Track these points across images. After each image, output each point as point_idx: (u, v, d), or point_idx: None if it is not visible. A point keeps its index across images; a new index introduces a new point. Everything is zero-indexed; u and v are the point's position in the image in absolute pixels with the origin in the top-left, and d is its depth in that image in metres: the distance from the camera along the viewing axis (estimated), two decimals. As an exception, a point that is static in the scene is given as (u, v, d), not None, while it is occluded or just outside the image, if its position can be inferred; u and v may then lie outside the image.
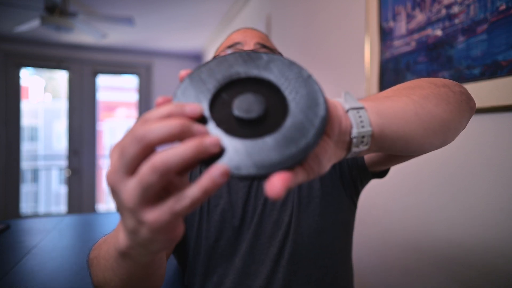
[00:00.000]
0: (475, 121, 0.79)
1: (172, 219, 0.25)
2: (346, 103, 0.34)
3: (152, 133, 0.24)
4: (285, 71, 0.30)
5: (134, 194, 0.24)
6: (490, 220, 0.76)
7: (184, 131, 0.25)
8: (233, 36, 0.76)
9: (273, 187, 0.24)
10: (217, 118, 0.28)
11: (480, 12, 0.76)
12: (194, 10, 2.89)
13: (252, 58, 0.31)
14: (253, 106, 0.28)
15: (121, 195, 0.25)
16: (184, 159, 0.24)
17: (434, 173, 0.91)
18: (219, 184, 0.24)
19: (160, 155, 0.24)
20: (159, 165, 0.23)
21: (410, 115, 0.38)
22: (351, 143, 0.33)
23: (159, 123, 0.24)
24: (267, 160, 0.26)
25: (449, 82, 0.48)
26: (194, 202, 0.24)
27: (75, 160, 3.96)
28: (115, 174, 0.25)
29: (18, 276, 0.77)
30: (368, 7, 1.14)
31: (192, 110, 0.26)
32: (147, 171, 0.24)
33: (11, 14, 2.93)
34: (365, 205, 1.16)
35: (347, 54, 1.31)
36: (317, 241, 0.64)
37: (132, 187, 0.24)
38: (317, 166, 0.30)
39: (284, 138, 0.27)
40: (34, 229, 1.19)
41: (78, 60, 3.99)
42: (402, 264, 1.02)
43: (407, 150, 0.41)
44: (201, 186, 0.24)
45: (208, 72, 0.30)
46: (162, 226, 0.25)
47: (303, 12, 1.71)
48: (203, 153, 0.24)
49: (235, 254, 0.63)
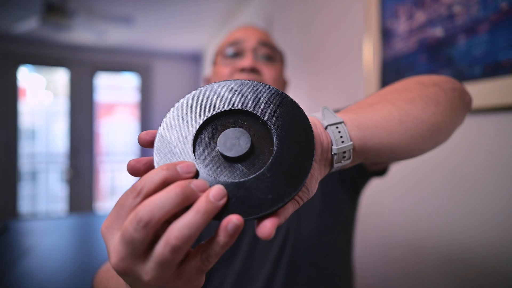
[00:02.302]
0: (475, 121, 0.78)
1: (201, 277, 0.25)
2: (324, 119, 0.33)
3: (157, 213, 0.22)
4: (267, 100, 0.29)
5: (156, 274, 0.23)
6: (490, 220, 0.75)
7: (187, 197, 0.23)
8: (234, 33, 0.75)
9: (264, 229, 0.24)
10: (203, 159, 0.27)
11: (481, 11, 0.76)
12: (194, 9, 2.88)
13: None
14: (238, 141, 0.27)
15: (141, 278, 0.24)
16: (198, 227, 0.22)
17: (434, 173, 0.91)
18: (237, 235, 0.24)
19: (175, 232, 0.22)
20: (175, 243, 0.22)
21: (394, 124, 0.37)
22: (333, 159, 0.33)
23: (160, 197, 0.22)
24: (279, 194, 0.26)
25: (439, 80, 0.46)
26: (217, 258, 0.24)
27: (75, 160, 3.95)
28: (124, 261, 0.23)
29: (18, 276, 0.76)
30: (367, 7, 1.14)
31: (186, 170, 0.25)
32: (166, 251, 0.22)
33: (9, 14, 2.92)
34: (365, 205, 1.15)
35: (346, 54, 1.31)
36: (317, 242, 0.64)
37: (151, 268, 0.23)
38: (306, 194, 0.30)
39: (285, 168, 0.26)
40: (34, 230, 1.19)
41: (78, 59, 3.98)
42: (403, 265, 1.01)
43: (394, 158, 0.40)
44: (221, 242, 0.24)
45: (188, 107, 0.29)
46: (193, 286, 0.25)
47: (303, 12, 1.71)
48: (214, 212, 0.24)
49: (234, 256, 0.63)
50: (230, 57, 0.72)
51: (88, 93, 4.04)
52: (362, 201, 1.17)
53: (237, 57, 0.72)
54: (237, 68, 0.70)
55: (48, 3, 2.40)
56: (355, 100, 1.23)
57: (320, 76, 1.52)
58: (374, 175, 0.68)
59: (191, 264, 0.24)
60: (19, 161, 3.81)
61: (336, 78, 1.39)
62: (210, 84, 0.30)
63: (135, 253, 0.23)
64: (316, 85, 1.56)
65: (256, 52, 0.71)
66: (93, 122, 4.05)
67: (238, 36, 0.73)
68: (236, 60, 0.72)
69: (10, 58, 3.71)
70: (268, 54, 0.72)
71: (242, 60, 0.71)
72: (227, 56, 0.73)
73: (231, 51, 0.72)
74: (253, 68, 0.68)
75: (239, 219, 0.24)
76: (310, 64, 1.63)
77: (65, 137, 4.05)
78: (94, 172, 4.06)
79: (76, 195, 3.97)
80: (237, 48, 0.72)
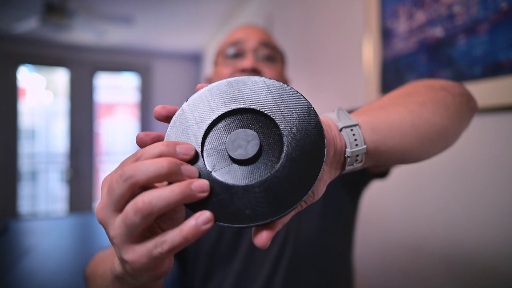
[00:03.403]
0: (476, 121, 0.78)
1: (151, 262, 0.24)
2: (340, 121, 0.33)
3: (139, 173, 0.23)
4: (294, 113, 0.28)
5: (119, 232, 0.24)
6: (490, 220, 0.75)
7: (171, 172, 0.24)
8: (235, 33, 0.75)
9: (260, 238, 0.25)
10: (209, 148, 0.27)
11: (481, 11, 0.76)
12: (194, 9, 2.88)
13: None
14: (247, 144, 0.26)
15: (109, 231, 0.25)
16: (169, 203, 0.23)
17: (434, 174, 0.91)
18: (202, 232, 0.24)
19: (144, 196, 0.23)
20: (141, 206, 0.23)
21: (407, 127, 0.37)
22: (345, 161, 0.33)
23: (148, 163, 0.24)
24: (256, 213, 0.25)
25: (447, 84, 0.47)
26: (172, 249, 0.24)
27: (75, 160, 3.95)
28: (103, 209, 0.25)
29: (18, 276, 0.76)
30: (367, 7, 1.14)
31: (184, 151, 0.26)
32: (131, 211, 0.23)
33: (9, 14, 2.92)
34: (365, 205, 1.15)
35: (346, 54, 1.31)
36: (317, 242, 0.64)
37: (118, 224, 0.24)
38: (311, 197, 0.30)
39: (275, 191, 0.25)
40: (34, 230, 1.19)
41: (78, 59, 3.98)
42: (403, 265, 1.01)
43: (404, 162, 0.40)
44: (183, 233, 0.23)
45: (218, 93, 0.28)
46: (141, 267, 0.25)
47: (303, 12, 1.71)
48: (190, 199, 0.24)
49: (234, 256, 0.63)
50: (231, 57, 0.72)
51: (88, 93, 4.04)
52: (362, 201, 1.17)
53: (238, 58, 0.72)
54: (238, 68, 0.70)
55: (48, 3, 2.40)
56: (355, 99, 1.23)
57: (320, 76, 1.52)
58: (375, 177, 0.68)
59: (147, 243, 0.24)
60: (19, 161, 3.81)
61: (336, 78, 1.39)
62: (248, 76, 0.29)
63: (112, 205, 0.25)
64: (316, 85, 1.56)
65: (256, 53, 0.71)
66: (93, 122, 4.05)
67: (239, 36, 0.73)
68: (237, 60, 0.72)
69: (10, 58, 3.71)
70: (269, 55, 0.72)
71: (243, 60, 0.71)
72: (228, 56, 0.73)
73: (232, 51, 0.72)
74: (254, 69, 0.68)
75: (211, 217, 0.24)
76: (310, 64, 1.63)
77: (65, 137, 4.05)
78: (94, 172, 4.06)
79: (76, 195, 3.97)
80: (238, 49, 0.72)
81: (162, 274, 0.27)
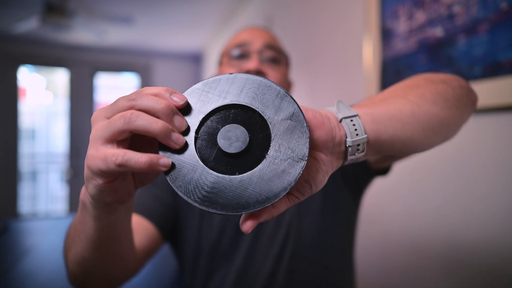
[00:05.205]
0: (476, 121, 0.78)
1: (103, 167, 0.27)
2: (339, 112, 0.34)
3: (139, 100, 0.28)
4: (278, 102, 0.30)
5: (99, 129, 0.28)
6: (491, 220, 0.75)
7: (164, 113, 0.28)
8: (240, 35, 0.76)
9: (245, 226, 0.28)
10: (200, 144, 0.29)
11: (481, 11, 0.76)
12: (194, 9, 2.88)
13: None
14: (236, 139, 0.29)
15: (93, 128, 0.29)
16: (150, 127, 0.27)
17: (434, 173, 0.91)
18: (155, 168, 0.27)
19: (134, 113, 0.27)
20: (126, 115, 0.27)
21: (407, 117, 0.37)
22: (347, 151, 0.33)
23: (150, 97, 0.28)
24: (242, 202, 0.27)
25: (447, 78, 0.47)
26: (124, 164, 0.27)
27: (75, 160, 3.95)
28: (100, 112, 0.30)
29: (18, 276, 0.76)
30: (367, 7, 1.14)
31: (177, 99, 0.29)
32: (118, 115, 0.28)
33: (9, 14, 2.92)
34: (366, 204, 1.15)
35: (346, 54, 1.31)
36: (318, 240, 0.64)
37: (103, 123, 0.29)
38: (308, 189, 0.31)
39: (261, 181, 0.28)
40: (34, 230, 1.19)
41: (78, 59, 3.98)
42: (403, 264, 1.01)
43: (406, 151, 0.41)
44: (141, 158, 0.26)
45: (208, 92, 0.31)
46: (93, 168, 0.28)
47: (303, 12, 1.71)
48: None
49: (236, 254, 0.63)
50: (235, 58, 0.73)
51: (88, 93, 4.04)
52: (363, 200, 1.17)
53: (242, 59, 0.72)
54: (242, 70, 0.71)
55: (48, 3, 2.40)
56: (355, 99, 1.23)
57: (320, 76, 1.52)
58: (377, 173, 0.68)
59: (110, 149, 0.28)
60: (19, 161, 3.81)
61: (336, 78, 1.39)
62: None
63: (109, 113, 0.29)
64: (316, 85, 1.56)
65: (261, 55, 0.72)
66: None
67: (244, 38, 0.73)
68: (242, 61, 0.72)
69: (10, 58, 3.71)
70: (274, 57, 0.73)
71: (247, 62, 0.71)
72: (233, 57, 0.73)
73: (237, 52, 0.73)
74: (258, 70, 0.69)
75: (169, 165, 0.27)
76: (310, 64, 1.63)
77: (65, 137, 4.05)
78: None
79: (76, 195, 3.96)
80: (243, 50, 0.72)
81: (113, 196, 0.31)
